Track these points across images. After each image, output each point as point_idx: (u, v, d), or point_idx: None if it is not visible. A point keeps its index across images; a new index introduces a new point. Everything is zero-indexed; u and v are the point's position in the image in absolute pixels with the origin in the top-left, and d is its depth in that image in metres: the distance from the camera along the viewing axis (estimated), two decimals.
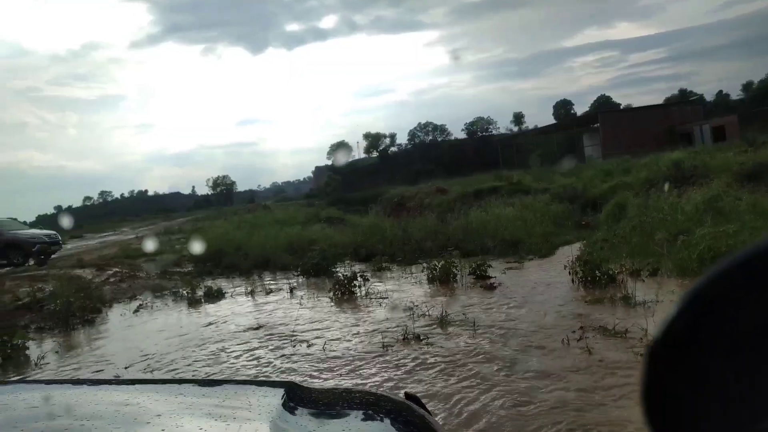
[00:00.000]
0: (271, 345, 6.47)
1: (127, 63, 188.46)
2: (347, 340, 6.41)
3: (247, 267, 13.32)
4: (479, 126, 78.83)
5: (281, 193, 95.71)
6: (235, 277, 12.69)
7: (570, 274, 8.02)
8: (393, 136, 78.17)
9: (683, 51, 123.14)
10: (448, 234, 13.36)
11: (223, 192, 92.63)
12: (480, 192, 24.01)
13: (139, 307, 9.94)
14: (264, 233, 16.71)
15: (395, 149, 77.96)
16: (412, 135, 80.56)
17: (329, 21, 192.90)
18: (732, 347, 0.40)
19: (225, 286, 11.27)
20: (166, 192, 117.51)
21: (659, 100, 67.81)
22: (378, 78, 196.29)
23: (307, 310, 8.41)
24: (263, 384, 1.22)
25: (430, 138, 79.61)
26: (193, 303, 9.92)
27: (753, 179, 14.75)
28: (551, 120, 73.78)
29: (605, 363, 4.73)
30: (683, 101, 56.70)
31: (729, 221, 8.68)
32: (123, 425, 1.00)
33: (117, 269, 15.22)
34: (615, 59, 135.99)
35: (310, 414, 1.04)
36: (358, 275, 9.53)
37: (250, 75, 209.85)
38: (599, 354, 4.93)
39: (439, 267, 9.59)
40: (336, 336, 6.65)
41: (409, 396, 1.15)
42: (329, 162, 76.24)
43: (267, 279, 12.22)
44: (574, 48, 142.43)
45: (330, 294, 9.21)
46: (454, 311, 7.09)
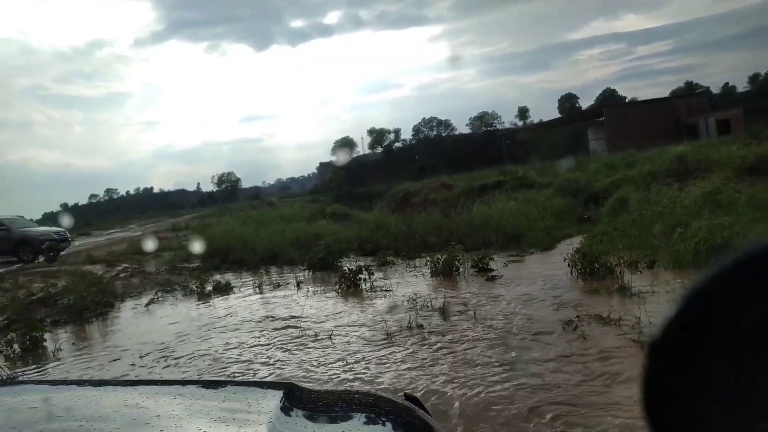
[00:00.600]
0: (280, 334, 6.73)
1: (133, 61, 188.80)
2: (353, 329, 6.67)
3: (255, 262, 13.56)
4: (484, 121, 78.86)
5: (286, 190, 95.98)
6: (243, 272, 12.95)
7: (569, 266, 8.24)
8: (397, 131, 78.37)
9: (690, 43, 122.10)
10: (451, 228, 13.57)
11: (228, 189, 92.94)
12: (484, 187, 24.18)
13: (151, 302, 10.22)
14: (270, 229, 16.96)
15: (400, 145, 78.12)
16: (416, 130, 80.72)
17: (333, 17, 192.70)
18: (732, 347, 0.40)
19: (233, 280, 11.54)
20: (171, 189, 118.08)
21: (666, 92, 67.50)
22: (382, 73, 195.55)
23: (314, 302, 8.66)
24: (263, 385, 1.22)
25: (434, 133, 79.72)
26: (203, 297, 10.19)
27: (754, 173, 14.84)
28: (556, 114, 73.78)
29: (598, 348, 4.96)
30: (688, 94, 56.57)
31: (727, 214, 8.85)
32: (122, 426, 1.01)
33: (127, 265, 15.54)
34: (621, 52, 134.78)
35: (309, 415, 1.05)
36: (363, 269, 9.77)
37: (254, 71, 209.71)
38: (592, 340, 5.18)
39: (442, 260, 9.82)
40: (342, 325, 6.91)
41: (409, 397, 1.15)
42: (334, 158, 76.49)
43: (274, 273, 12.49)
44: (580, 41, 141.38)
45: (336, 287, 9.46)
46: (455, 302, 7.33)
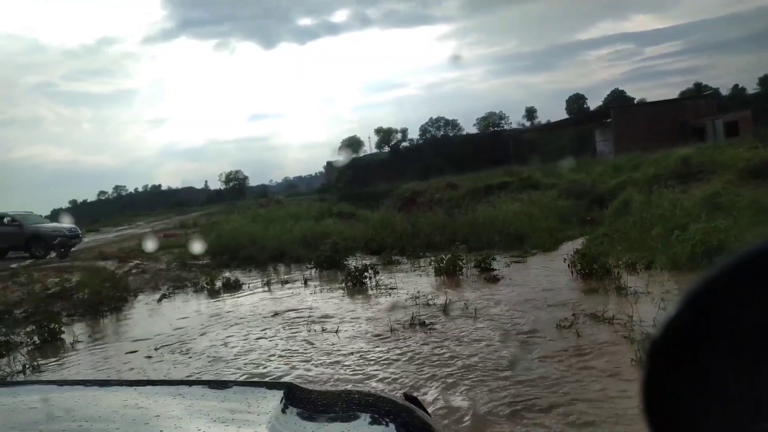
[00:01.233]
0: (289, 329, 7.03)
1: (141, 58, 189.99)
2: (358, 324, 6.96)
3: (263, 259, 13.84)
4: (491, 121, 78.89)
5: (293, 188, 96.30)
6: (252, 269, 13.26)
7: (569, 267, 8.47)
8: (404, 131, 78.54)
9: (699, 43, 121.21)
10: (455, 229, 13.79)
11: (236, 187, 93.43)
12: (490, 187, 24.37)
13: (163, 297, 10.54)
14: (278, 227, 17.23)
15: (406, 144, 78.29)
16: (423, 130, 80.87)
17: (341, 15, 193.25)
18: (732, 347, 0.39)
19: (242, 277, 11.83)
20: (179, 186, 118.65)
21: (674, 93, 67.34)
22: (390, 72, 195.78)
23: (321, 299, 8.94)
24: (262, 385, 1.22)
25: (441, 133, 79.85)
26: (213, 293, 10.49)
27: (759, 176, 14.96)
28: (564, 115, 73.81)
29: (590, 344, 5.22)
30: (696, 96, 56.36)
31: (726, 217, 9.05)
32: (122, 426, 1.02)
33: (138, 261, 15.90)
34: (630, 52, 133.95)
35: (309, 415, 1.05)
36: (368, 267, 10.04)
37: (262, 70, 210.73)
38: (586, 337, 5.44)
39: (446, 260, 10.07)
40: (348, 321, 7.20)
41: (408, 397, 1.17)
42: (340, 157, 76.83)
43: (282, 271, 12.77)
44: (588, 41, 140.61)
45: (342, 285, 9.74)
46: (457, 300, 7.59)
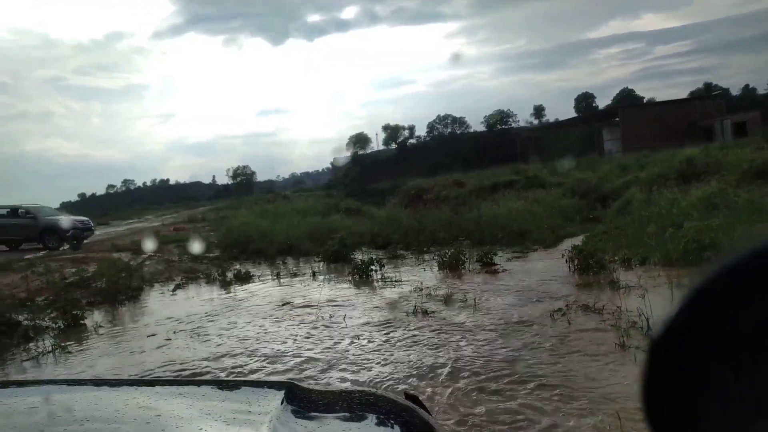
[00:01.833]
0: (298, 317, 7.45)
1: (150, 53, 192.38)
2: (364, 313, 7.38)
3: (272, 253, 14.26)
4: (499, 119, 79.00)
5: (300, 184, 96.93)
6: (261, 262, 13.67)
7: (566, 262, 8.83)
8: (412, 128, 78.83)
9: (710, 43, 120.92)
10: (460, 225, 14.17)
11: (243, 182, 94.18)
12: (496, 185, 24.70)
13: (177, 287, 11.00)
14: (286, 222, 17.67)
15: (414, 141, 78.62)
16: (431, 127, 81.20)
17: (350, 12, 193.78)
18: (733, 347, 0.39)
19: (252, 270, 12.25)
20: (186, 181, 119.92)
21: (684, 93, 67.28)
22: (398, 69, 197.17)
23: (329, 290, 9.36)
24: (263, 384, 1.24)
25: (449, 130, 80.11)
26: (225, 284, 10.92)
27: (761, 177, 15.18)
28: (572, 113, 73.95)
29: (578, 331, 5.64)
30: (705, 96, 56.24)
31: (723, 217, 9.37)
32: (122, 426, 1.02)
33: (151, 253, 16.37)
34: (640, 51, 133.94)
35: (309, 414, 1.05)
36: (374, 261, 10.44)
37: (270, 66, 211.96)
38: (576, 325, 5.85)
39: (449, 255, 10.45)
40: (354, 310, 7.63)
41: (409, 396, 1.17)
42: (347, 153, 77.22)
43: (291, 264, 13.19)
44: (598, 39, 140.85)
45: (349, 277, 10.15)
46: (459, 292, 7.98)
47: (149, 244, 18.21)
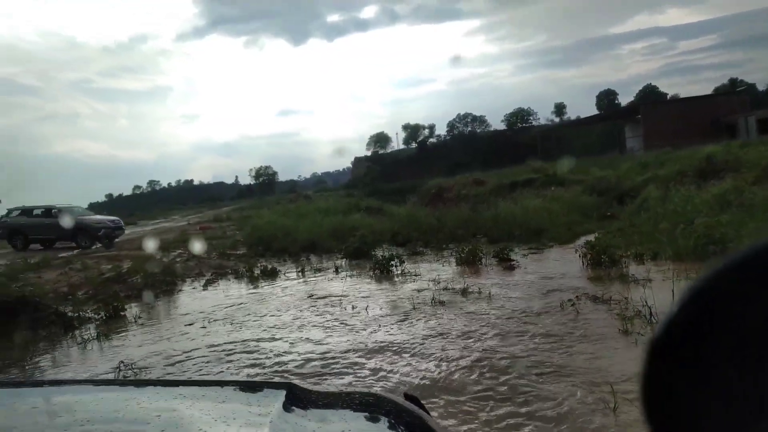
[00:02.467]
0: (322, 308, 7.96)
1: (174, 55, 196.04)
2: (385, 304, 7.85)
3: (296, 250, 14.76)
4: (519, 117, 78.76)
5: (321, 184, 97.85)
6: (285, 259, 14.21)
7: (579, 257, 9.16)
8: (432, 127, 79.12)
9: (735, 38, 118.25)
10: (478, 223, 14.52)
11: (265, 182, 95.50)
12: (515, 184, 24.93)
13: (207, 282, 11.58)
14: (309, 221, 18.21)
15: (434, 140, 78.87)
16: (451, 126, 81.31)
17: (370, 11, 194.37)
18: (736, 344, 0.39)
19: (277, 266, 12.79)
20: (210, 181, 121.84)
21: (709, 89, 66.18)
22: (417, 68, 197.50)
23: (351, 284, 9.83)
24: (263, 385, 1.24)
25: (469, 129, 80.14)
26: (253, 279, 11.47)
27: None
28: (594, 110, 73.26)
29: (586, 320, 6.02)
30: (729, 92, 55.34)
31: (738, 214, 9.59)
32: (122, 426, 1.02)
33: (181, 251, 17.06)
34: (663, 46, 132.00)
35: (309, 415, 1.06)
36: (394, 257, 10.89)
37: (291, 66, 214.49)
38: (584, 314, 6.24)
39: (467, 251, 10.84)
40: (375, 302, 8.09)
41: (409, 397, 1.18)
42: (368, 153, 77.87)
43: (314, 260, 13.70)
44: (621, 35, 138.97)
45: (370, 272, 10.60)
46: (475, 285, 8.37)
47: (178, 241, 18.98)
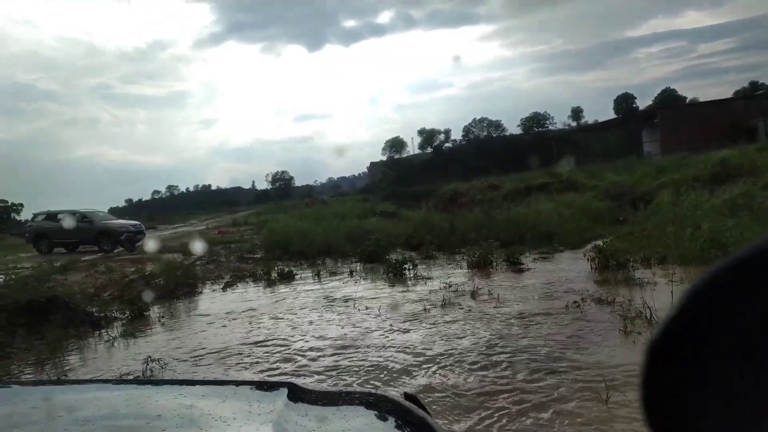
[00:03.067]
0: (338, 308, 8.29)
1: (192, 61, 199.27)
2: (398, 305, 8.15)
3: (312, 254, 15.09)
4: (535, 121, 78.55)
5: (337, 188, 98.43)
6: (302, 263, 14.56)
7: (588, 261, 9.36)
8: (447, 131, 79.35)
9: (756, 40, 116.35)
10: (490, 227, 14.72)
11: (282, 186, 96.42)
12: (530, 188, 25.04)
13: (227, 284, 11.99)
14: (325, 225, 18.57)
15: (450, 145, 79.02)
16: (466, 130, 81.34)
17: (386, 16, 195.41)
18: (735, 345, 0.39)
19: (294, 269, 13.15)
20: (227, 186, 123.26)
21: (729, 92, 65.48)
22: (433, 72, 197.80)
23: (366, 286, 10.15)
24: (263, 385, 1.25)
25: (485, 134, 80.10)
26: (271, 282, 11.83)
27: None
28: (611, 114, 72.79)
29: (591, 319, 6.28)
30: (748, 95, 54.73)
31: (744, 218, 9.72)
32: (123, 426, 1.02)
33: (200, 254, 17.53)
34: (682, 49, 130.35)
35: (309, 415, 1.06)
36: (407, 260, 11.18)
37: (307, 71, 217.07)
38: (589, 315, 6.52)
39: (478, 255, 11.09)
40: (388, 302, 8.40)
41: (409, 396, 1.18)
42: (384, 158, 78.33)
43: (329, 264, 14.04)
44: (638, 38, 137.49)
45: (384, 275, 10.91)
46: (485, 288, 8.64)
47: (199, 245, 19.47)
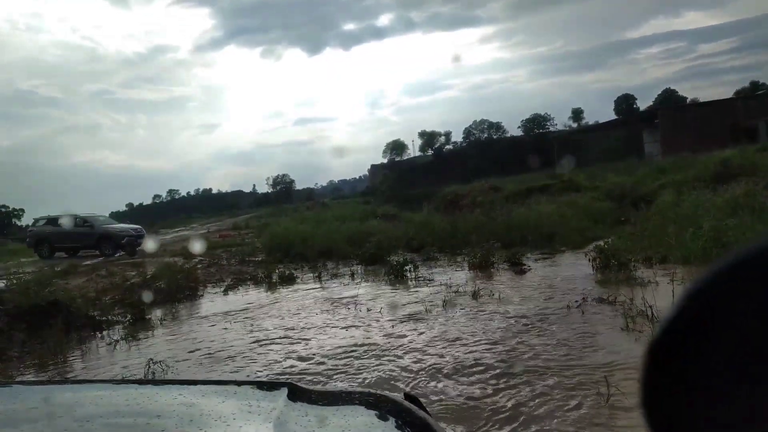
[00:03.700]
0: (338, 310, 8.30)
1: (193, 66, 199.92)
2: (399, 306, 8.14)
3: (313, 256, 15.07)
4: (536, 122, 78.62)
5: (338, 191, 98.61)
6: (303, 265, 14.54)
7: (589, 261, 9.35)
8: (448, 134, 79.45)
9: (756, 40, 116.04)
10: (491, 228, 14.70)
11: (283, 190, 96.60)
12: (531, 190, 25.04)
13: (228, 288, 11.98)
14: (326, 228, 18.56)
15: (450, 147, 79.08)
16: (467, 133, 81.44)
17: (386, 19, 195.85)
18: (736, 345, 0.39)
19: (295, 272, 13.14)
20: (228, 190, 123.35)
21: (730, 92, 65.54)
22: (434, 75, 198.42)
23: (367, 288, 10.15)
24: (263, 384, 1.24)
25: (485, 135, 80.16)
26: (271, 285, 11.84)
27: None
28: (612, 115, 72.91)
29: (591, 318, 6.29)
30: (748, 96, 54.75)
31: (744, 218, 9.70)
32: (123, 426, 1.02)
33: (201, 258, 17.55)
34: (683, 50, 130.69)
35: (309, 414, 1.06)
36: (408, 262, 11.17)
37: (307, 75, 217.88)
38: (589, 314, 6.52)
39: (479, 256, 11.08)
40: (390, 303, 8.40)
41: (408, 396, 1.18)
42: (385, 160, 78.42)
43: (330, 266, 14.03)
44: (638, 39, 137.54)
45: (385, 277, 10.90)
46: (486, 288, 8.62)
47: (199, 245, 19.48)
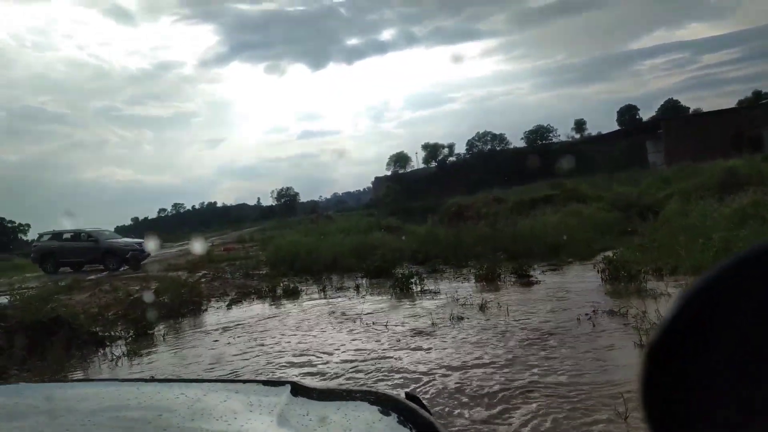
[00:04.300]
0: (342, 324, 8.18)
1: (198, 81, 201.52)
2: (405, 320, 8.01)
3: (318, 269, 14.94)
4: (539, 134, 78.66)
5: (342, 204, 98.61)
6: (308, 278, 14.44)
7: (598, 273, 9.22)
8: (451, 146, 79.40)
9: (759, 50, 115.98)
10: (497, 240, 14.58)
11: (287, 203, 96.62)
12: (535, 200, 24.93)
13: (232, 301, 11.88)
14: (330, 240, 18.46)
15: (454, 159, 79.08)
16: (470, 144, 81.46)
17: (388, 34, 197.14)
18: (734, 346, 0.39)
19: (299, 285, 13.02)
20: (233, 204, 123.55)
21: (733, 102, 65.53)
22: (437, 88, 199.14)
23: (372, 301, 10.03)
24: (266, 383, 1.25)
25: (488, 147, 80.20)
26: (275, 298, 11.73)
27: None
28: (615, 126, 72.96)
29: (603, 331, 6.16)
30: (752, 105, 54.70)
31: (753, 228, 9.57)
32: (126, 425, 1.03)
33: (205, 271, 17.46)
34: (686, 61, 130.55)
35: (311, 412, 1.06)
36: (414, 274, 11.04)
37: (311, 89, 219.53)
38: (600, 327, 6.38)
39: (485, 268, 10.95)
40: (396, 317, 8.26)
41: (410, 396, 1.18)
42: (388, 173, 78.46)
43: (335, 279, 13.92)
44: (641, 50, 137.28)
45: (390, 290, 10.77)
46: (493, 301, 8.50)
47: (203, 262, 19.42)
